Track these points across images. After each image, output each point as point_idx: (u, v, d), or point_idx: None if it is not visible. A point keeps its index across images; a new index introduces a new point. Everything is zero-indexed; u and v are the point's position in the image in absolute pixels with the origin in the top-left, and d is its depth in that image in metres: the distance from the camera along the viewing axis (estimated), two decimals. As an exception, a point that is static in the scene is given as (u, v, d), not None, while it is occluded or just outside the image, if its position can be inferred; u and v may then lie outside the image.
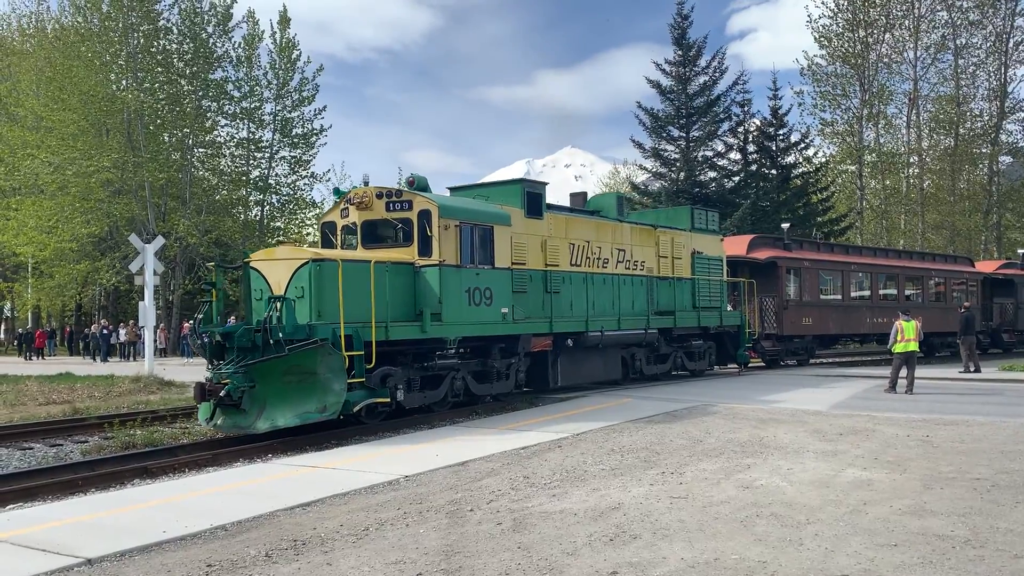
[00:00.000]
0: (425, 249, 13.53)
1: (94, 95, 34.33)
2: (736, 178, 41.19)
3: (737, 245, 24.64)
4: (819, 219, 41.40)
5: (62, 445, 12.70)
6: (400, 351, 13.19)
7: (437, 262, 13.45)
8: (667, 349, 19.61)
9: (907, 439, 10.87)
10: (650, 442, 10.93)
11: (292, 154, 41.57)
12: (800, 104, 48.40)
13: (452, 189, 16.85)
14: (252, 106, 39.52)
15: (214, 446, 11.72)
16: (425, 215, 13.57)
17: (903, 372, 16.96)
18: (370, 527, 7.03)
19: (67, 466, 10.72)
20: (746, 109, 40.95)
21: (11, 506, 8.64)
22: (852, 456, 9.71)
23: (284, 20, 40.42)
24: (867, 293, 28.30)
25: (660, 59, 39.87)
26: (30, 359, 38.02)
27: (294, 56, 40.43)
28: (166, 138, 37.93)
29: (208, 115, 38.54)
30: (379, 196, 14.04)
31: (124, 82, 36.11)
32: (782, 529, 6.62)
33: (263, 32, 39.98)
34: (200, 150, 39.44)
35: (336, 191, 15.30)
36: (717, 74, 39.56)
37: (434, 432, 12.57)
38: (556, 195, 19.43)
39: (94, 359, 35.68)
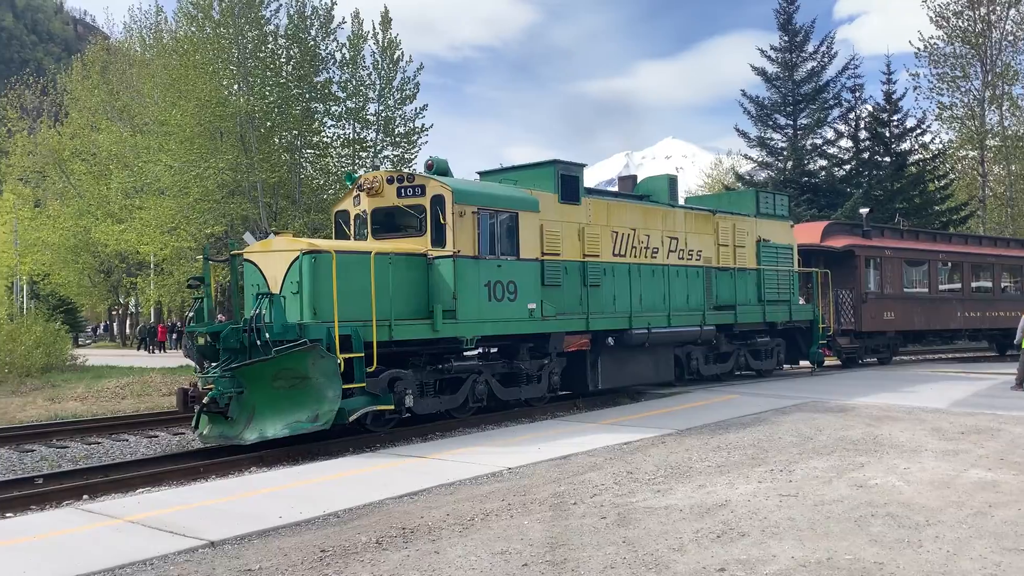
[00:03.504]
0: (439, 238, 12.29)
1: (208, 100, 35.95)
2: (847, 166, 39.68)
3: (810, 232, 23.02)
4: (936, 208, 39.44)
5: (184, 434, 13.37)
6: (412, 352, 12.13)
7: (451, 253, 12.19)
8: (728, 347, 17.98)
9: (1036, 439, 10.25)
10: (757, 439, 10.68)
11: (395, 153, 42.48)
12: (916, 88, 46.16)
13: (481, 173, 15.67)
14: (357, 106, 40.60)
15: (324, 437, 12.03)
16: (438, 201, 12.30)
17: (1031, 368, 15.98)
18: (475, 517, 7.13)
19: (189, 453, 11.33)
20: (857, 95, 39.37)
21: (140, 490, 9.18)
22: (975, 456, 9.23)
23: (386, 21, 41.31)
24: (958, 285, 26.22)
25: (765, 45, 38.76)
26: (152, 352, 40.18)
27: (396, 56, 41.28)
28: (276, 140, 39.37)
29: (316, 116, 39.80)
30: (390, 181, 12.90)
31: (235, 87, 37.68)
32: (899, 530, 6.36)
33: (367, 33, 40.99)
34: (308, 151, 40.78)
35: (348, 176, 13.96)
36: (826, 59, 38.18)
37: (534, 426, 12.63)
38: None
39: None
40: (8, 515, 8.31)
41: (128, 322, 59.05)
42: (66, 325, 36.97)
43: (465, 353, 12.83)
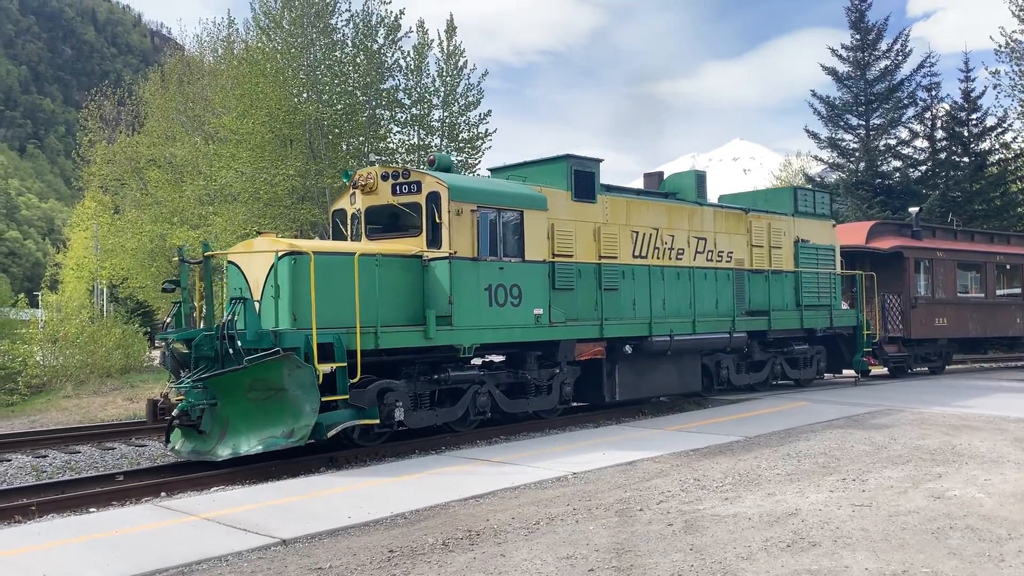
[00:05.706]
0: (434, 238, 11.52)
1: (279, 108, 36.82)
2: (923, 167, 38.52)
3: (854, 233, 21.81)
4: (1020, 210, 37.97)
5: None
6: (405, 360, 11.37)
7: (447, 254, 11.41)
8: (762, 355, 16.87)
9: None
10: (829, 447, 10.44)
11: (459, 158, 42.83)
12: (996, 86, 44.47)
13: (492, 170, 14.98)
14: (421, 113, 41.11)
15: (392, 438, 12.05)
16: (433, 198, 11.53)
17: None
18: (540, 521, 7.14)
19: (262, 454, 11.57)
20: (933, 93, 38.10)
21: (215, 488, 9.44)
22: (1061, 468, 8.86)
23: (451, 28, 41.72)
24: (1018, 289, 24.78)
25: (835, 44, 37.91)
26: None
27: (460, 64, 41.65)
28: (344, 147, 40.08)
29: (381, 123, 40.42)
30: (384, 178, 12.21)
31: (304, 95, 38.52)
32: (979, 543, 6.15)
33: (431, 41, 41.46)
34: (375, 157, 41.41)
35: (344, 173, 13.13)
36: (900, 57, 37.10)
37: (599, 431, 12.59)
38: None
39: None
40: (92, 510, 8.65)
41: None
42: (144, 328, 38.27)
43: (472, 362, 12.17)
